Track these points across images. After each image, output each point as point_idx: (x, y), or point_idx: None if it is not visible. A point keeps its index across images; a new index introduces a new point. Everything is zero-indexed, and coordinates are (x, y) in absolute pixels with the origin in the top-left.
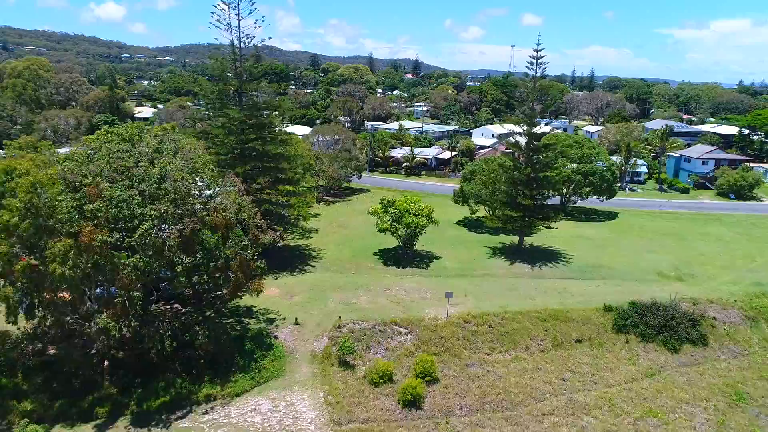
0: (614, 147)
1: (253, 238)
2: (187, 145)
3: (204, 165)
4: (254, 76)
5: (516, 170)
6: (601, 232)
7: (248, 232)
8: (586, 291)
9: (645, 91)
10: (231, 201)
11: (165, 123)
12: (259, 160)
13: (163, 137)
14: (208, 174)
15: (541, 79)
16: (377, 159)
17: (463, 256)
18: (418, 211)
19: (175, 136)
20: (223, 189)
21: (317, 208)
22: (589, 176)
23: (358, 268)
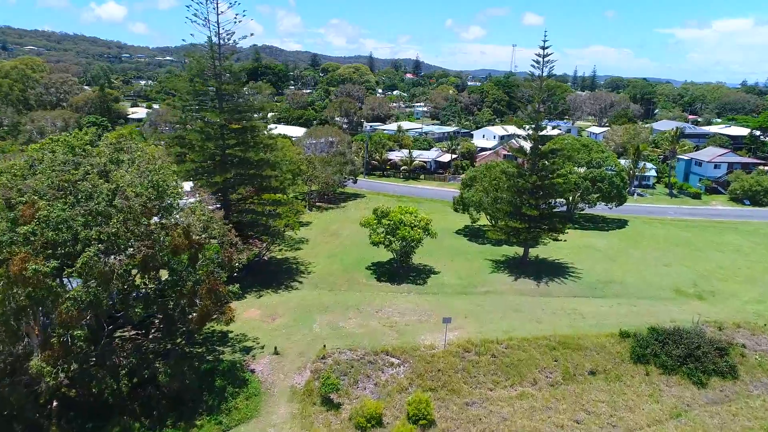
0: (621, 149)
1: (225, 258)
2: (148, 155)
3: (165, 177)
4: (235, 75)
5: (520, 177)
6: (610, 241)
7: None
8: (598, 312)
9: (649, 91)
10: (196, 218)
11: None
12: (241, 168)
13: (120, 145)
14: (172, 188)
15: (547, 79)
16: (374, 162)
17: (464, 270)
18: (414, 223)
19: (133, 144)
20: (190, 203)
21: (309, 215)
22: (598, 182)
23: (349, 284)
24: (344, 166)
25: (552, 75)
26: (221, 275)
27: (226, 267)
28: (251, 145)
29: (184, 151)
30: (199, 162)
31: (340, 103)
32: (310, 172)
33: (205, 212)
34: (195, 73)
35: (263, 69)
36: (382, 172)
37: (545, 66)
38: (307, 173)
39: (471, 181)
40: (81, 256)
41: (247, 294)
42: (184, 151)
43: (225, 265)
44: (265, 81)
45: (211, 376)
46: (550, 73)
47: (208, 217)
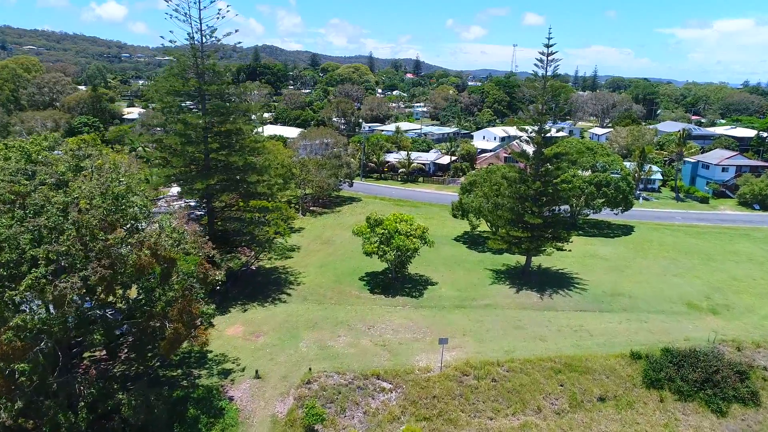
0: (625, 151)
1: (200, 273)
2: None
3: (129, 187)
4: (219, 74)
5: (522, 183)
6: (616, 250)
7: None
8: (606, 329)
9: (651, 91)
10: (165, 233)
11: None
12: (225, 173)
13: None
14: (139, 199)
15: (551, 79)
16: (371, 164)
17: (462, 280)
18: (409, 232)
19: (95, 151)
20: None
21: (302, 220)
22: (603, 187)
23: (340, 296)
24: (339, 169)
25: (557, 75)
26: (198, 292)
27: (201, 285)
28: (236, 149)
29: (164, 156)
30: (179, 167)
31: (337, 104)
32: (304, 176)
33: (176, 225)
34: (176, 72)
35: (261, 69)
36: (380, 175)
37: (549, 65)
38: (301, 177)
39: (470, 186)
40: (25, 278)
41: (232, 308)
42: (165, 156)
43: (201, 282)
44: (264, 81)
45: (183, 405)
46: (554, 72)
47: (180, 230)
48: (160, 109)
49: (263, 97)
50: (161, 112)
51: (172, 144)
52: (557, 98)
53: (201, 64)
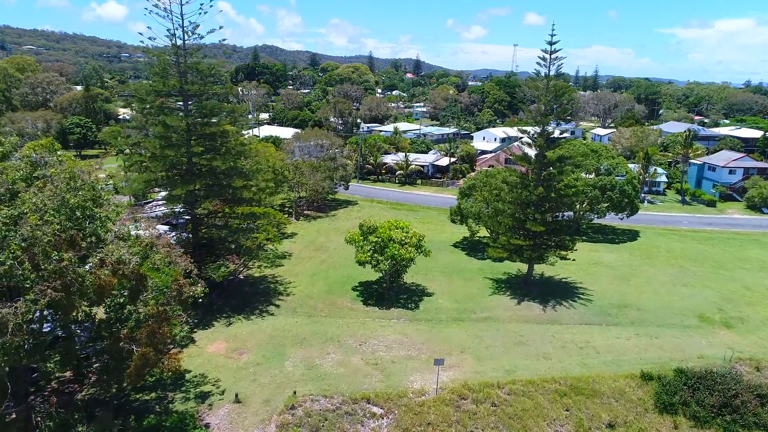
0: (628, 153)
1: (174, 290)
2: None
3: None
4: (202, 74)
5: (524, 188)
6: (622, 257)
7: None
8: (614, 346)
9: (653, 91)
10: (128, 247)
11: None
12: (209, 178)
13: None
14: (105, 210)
15: (555, 78)
16: (368, 166)
17: (461, 291)
18: (404, 240)
19: (52, 158)
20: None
21: (295, 225)
22: (608, 191)
23: (331, 308)
24: (335, 172)
25: (560, 74)
26: (174, 309)
27: (177, 301)
28: (221, 152)
29: (143, 160)
30: (157, 172)
31: (335, 104)
32: (297, 179)
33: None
34: (157, 71)
35: (260, 68)
36: (377, 177)
37: (552, 64)
38: (294, 180)
39: (469, 190)
40: None
41: (216, 321)
42: (144, 160)
43: (176, 300)
44: (262, 81)
45: None
46: (557, 71)
47: (147, 243)
48: (139, 110)
49: (261, 97)
50: (141, 114)
51: (150, 147)
52: (561, 99)
53: (183, 62)
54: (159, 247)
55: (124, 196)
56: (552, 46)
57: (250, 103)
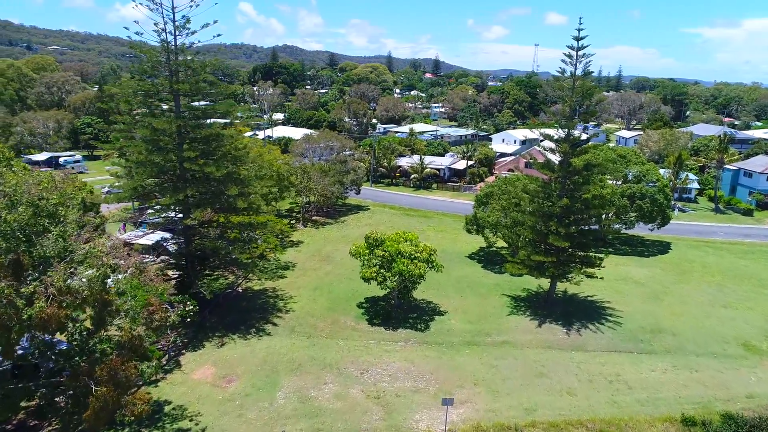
0: (656, 157)
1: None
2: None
3: (40, 215)
4: (195, 72)
5: (547, 199)
6: (652, 272)
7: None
8: (648, 380)
9: (680, 91)
10: (83, 270)
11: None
12: (200, 186)
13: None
14: (57, 229)
15: (582, 78)
16: (382, 169)
17: (475, 309)
18: (414, 254)
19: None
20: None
21: (301, 232)
22: (637, 200)
23: (333, 328)
24: (345, 176)
25: (588, 73)
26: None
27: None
28: (217, 157)
29: (130, 165)
30: (142, 179)
31: (349, 104)
32: (305, 183)
33: (104, 259)
34: (145, 69)
35: (278, 68)
36: (391, 180)
37: (579, 62)
38: (302, 184)
39: (486, 198)
40: None
41: (207, 341)
42: (130, 166)
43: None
44: (280, 80)
45: None
46: (584, 70)
47: (107, 266)
48: (126, 111)
49: (276, 96)
50: (129, 115)
51: (135, 152)
52: (588, 100)
53: (174, 59)
54: (126, 268)
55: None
56: (578, 42)
57: (265, 103)
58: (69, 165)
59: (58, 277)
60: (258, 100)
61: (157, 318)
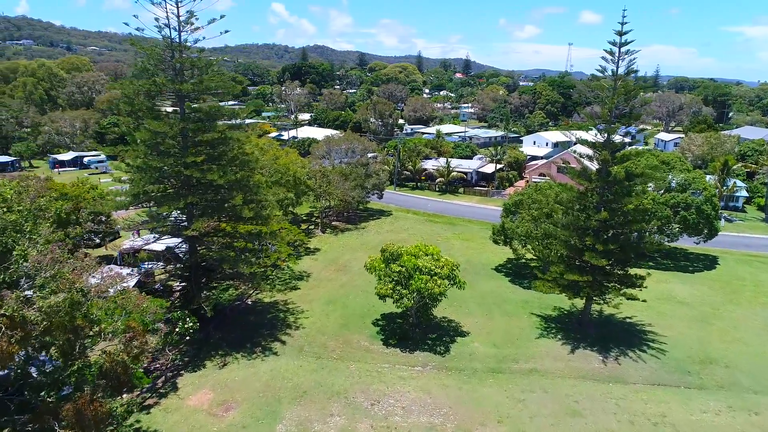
0: (699, 162)
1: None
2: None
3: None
4: (202, 70)
5: (582, 211)
6: (698, 290)
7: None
8: (699, 424)
9: (723, 92)
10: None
11: None
12: (203, 193)
13: None
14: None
15: (625, 77)
16: (406, 172)
17: (501, 330)
18: (434, 270)
19: None
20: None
21: (319, 239)
22: (682, 210)
23: (345, 348)
24: (367, 179)
25: (632, 71)
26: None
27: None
28: (222, 163)
29: (130, 171)
30: (144, 185)
31: (375, 105)
32: (324, 188)
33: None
34: (147, 68)
35: (306, 68)
36: (416, 184)
37: (622, 59)
38: (321, 189)
39: (515, 206)
40: None
41: (209, 360)
42: (131, 171)
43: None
44: (308, 80)
45: None
46: (628, 68)
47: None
48: (127, 112)
49: (304, 96)
50: (129, 117)
51: (133, 157)
52: (631, 101)
53: (178, 56)
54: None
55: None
56: (621, 38)
57: (292, 104)
58: (93, 165)
59: (7, 307)
60: (285, 100)
61: (136, 345)
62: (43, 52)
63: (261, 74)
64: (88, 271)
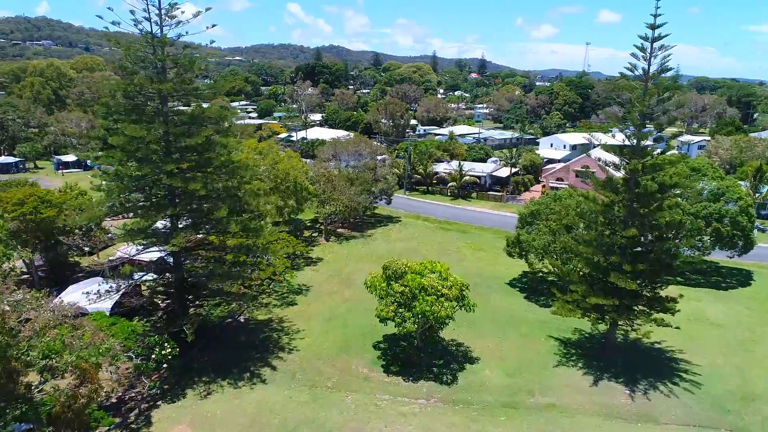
0: (727, 166)
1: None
2: None
3: None
4: (185, 69)
5: (607, 226)
6: (733, 310)
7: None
8: None
9: (748, 92)
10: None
11: None
12: (190, 203)
13: None
14: None
15: (658, 75)
16: (417, 176)
17: (515, 356)
18: (441, 290)
19: None
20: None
21: (323, 247)
22: (715, 222)
23: (342, 376)
24: (374, 184)
25: (667, 69)
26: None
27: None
28: (209, 170)
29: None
30: (119, 196)
31: (386, 105)
32: (328, 193)
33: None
34: (124, 66)
35: (320, 68)
36: (427, 188)
37: (655, 56)
38: (324, 194)
39: (532, 217)
40: None
41: (191, 389)
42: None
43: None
44: (321, 80)
45: None
46: (662, 66)
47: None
48: (102, 115)
49: (316, 96)
50: (106, 119)
51: (107, 164)
52: (665, 103)
53: (160, 54)
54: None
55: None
56: (654, 31)
57: (303, 104)
58: (96, 166)
59: None
60: (297, 100)
61: (83, 393)
62: (62, 53)
63: (274, 74)
64: (30, 305)
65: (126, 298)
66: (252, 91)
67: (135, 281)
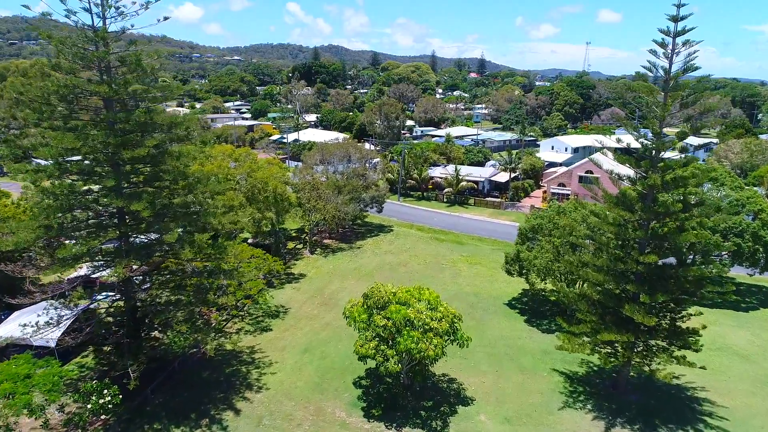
0: (737, 171)
1: None
2: None
3: None
4: (132, 67)
5: (621, 249)
6: (757, 336)
7: None
8: None
9: (752, 92)
10: None
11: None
12: (138, 225)
13: None
14: None
15: (681, 75)
16: (411, 181)
17: (514, 395)
18: (428, 323)
19: None
20: None
21: (306, 261)
22: (733, 236)
23: (314, 421)
24: (364, 192)
25: (692, 68)
26: None
27: None
28: (162, 186)
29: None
30: (54, 217)
31: (381, 106)
32: (313, 203)
33: None
34: (59, 64)
35: (317, 67)
36: (422, 194)
37: (677, 53)
38: (309, 204)
39: (533, 232)
40: None
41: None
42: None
43: None
44: (318, 80)
45: None
46: (686, 64)
47: None
48: (31, 122)
49: (311, 97)
50: (37, 127)
51: (35, 179)
52: (690, 107)
53: (104, 51)
54: None
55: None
56: (677, 24)
57: (298, 104)
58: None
59: None
60: (291, 100)
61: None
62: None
63: (271, 74)
64: None
65: (78, 324)
66: (248, 91)
67: (81, 309)
